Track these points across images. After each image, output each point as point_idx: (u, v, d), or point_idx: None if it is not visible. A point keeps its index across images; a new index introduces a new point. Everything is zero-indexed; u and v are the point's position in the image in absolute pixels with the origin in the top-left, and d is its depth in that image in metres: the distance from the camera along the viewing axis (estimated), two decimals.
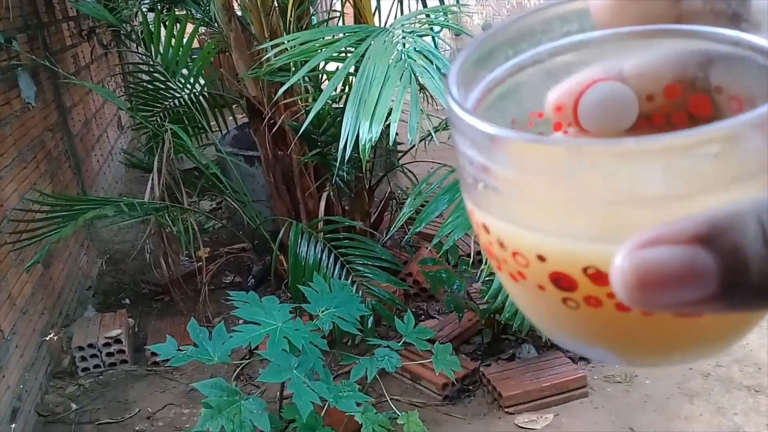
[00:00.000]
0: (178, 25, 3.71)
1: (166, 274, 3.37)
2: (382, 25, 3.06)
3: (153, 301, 3.84)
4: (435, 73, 2.44)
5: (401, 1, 3.37)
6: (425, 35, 3.01)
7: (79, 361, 3.23)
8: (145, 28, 3.76)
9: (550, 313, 0.28)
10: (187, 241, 3.16)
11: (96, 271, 4.26)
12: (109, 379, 3.21)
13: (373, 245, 3.27)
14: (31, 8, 4.02)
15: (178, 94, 3.95)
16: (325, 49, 2.67)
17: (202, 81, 4.03)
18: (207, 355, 2.09)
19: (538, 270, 0.26)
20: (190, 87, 3.96)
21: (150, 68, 4.00)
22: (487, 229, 0.27)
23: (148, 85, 4.04)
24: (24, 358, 2.96)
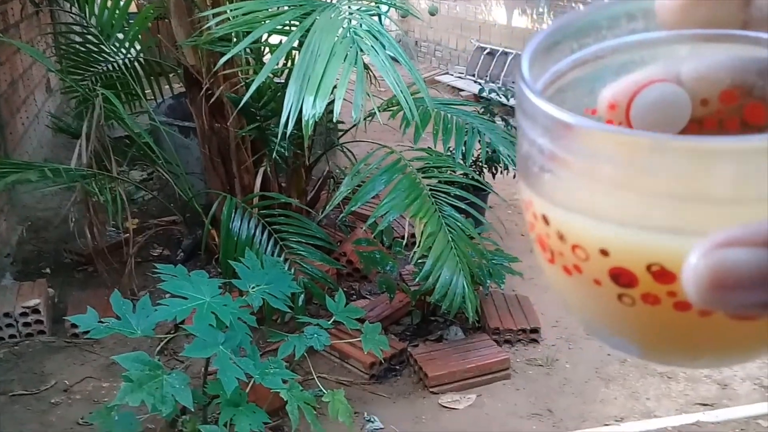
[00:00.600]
0: None
1: (90, 244, 3.25)
2: None
3: (75, 271, 3.71)
4: (381, 51, 2.43)
5: None
6: (373, 14, 2.99)
7: None
8: None
9: (600, 308, 0.28)
10: (114, 211, 3.06)
11: (15, 239, 4.07)
12: (25, 350, 3.08)
13: (308, 223, 3.25)
14: None
15: (111, 59, 3.80)
16: (269, 21, 2.61)
17: (138, 46, 3.89)
18: (130, 328, 2.03)
19: (598, 264, 0.26)
20: (125, 52, 3.81)
21: (83, 30, 3.83)
22: (546, 220, 0.27)
23: (80, 47, 3.87)
24: None
